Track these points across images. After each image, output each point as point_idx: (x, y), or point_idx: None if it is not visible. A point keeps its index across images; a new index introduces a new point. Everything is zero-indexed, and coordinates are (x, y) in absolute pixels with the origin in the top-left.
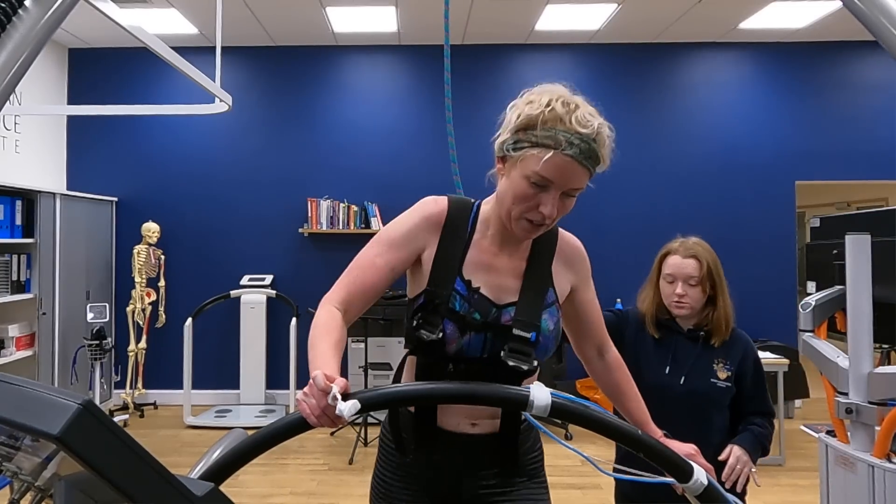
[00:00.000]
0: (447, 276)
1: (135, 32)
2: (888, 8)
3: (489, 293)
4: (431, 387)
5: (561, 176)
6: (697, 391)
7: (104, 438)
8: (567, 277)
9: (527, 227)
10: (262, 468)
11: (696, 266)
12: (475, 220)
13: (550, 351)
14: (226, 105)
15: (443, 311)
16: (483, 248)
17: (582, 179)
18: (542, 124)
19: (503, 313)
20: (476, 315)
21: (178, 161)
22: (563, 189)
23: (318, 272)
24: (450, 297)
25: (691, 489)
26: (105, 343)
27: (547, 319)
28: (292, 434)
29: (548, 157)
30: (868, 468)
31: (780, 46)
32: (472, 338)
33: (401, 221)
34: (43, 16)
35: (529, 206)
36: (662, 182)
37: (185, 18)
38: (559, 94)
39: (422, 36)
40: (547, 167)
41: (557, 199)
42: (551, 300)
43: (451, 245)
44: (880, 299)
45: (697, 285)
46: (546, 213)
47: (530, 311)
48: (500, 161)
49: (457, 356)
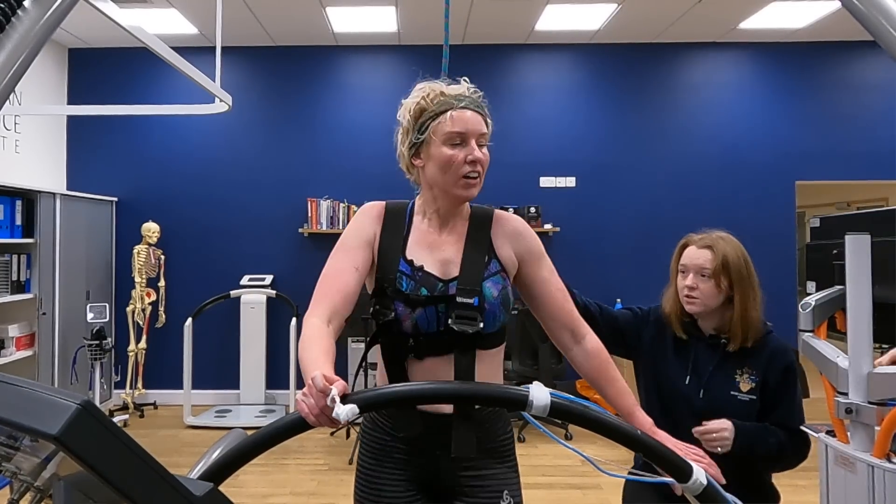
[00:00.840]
0: (392, 261)
1: (135, 32)
2: (887, 8)
3: (435, 269)
4: (432, 387)
5: (468, 124)
6: (716, 405)
7: (103, 439)
8: (510, 248)
9: (468, 182)
10: (262, 468)
11: (709, 257)
12: (412, 211)
13: (500, 317)
14: (226, 105)
15: (391, 294)
16: (422, 231)
17: (482, 125)
18: (431, 102)
19: (449, 286)
20: (423, 290)
21: (178, 161)
22: (474, 137)
23: (318, 272)
24: (396, 279)
25: (691, 489)
26: (105, 343)
27: (490, 287)
28: (292, 434)
29: (452, 114)
30: (868, 468)
31: (780, 46)
32: (422, 312)
33: (348, 227)
34: (43, 16)
35: (460, 163)
36: (662, 182)
37: (185, 18)
38: (429, 83)
39: (422, 36)
40: (455, 122)
41: (477, 147)
42: (495, 269)
43: (392, 234)
44: (880, 299)
45: (710, 279)
46: (477, 157)
47: (471, 280)
48: (415, 158)
49: (415, 332)
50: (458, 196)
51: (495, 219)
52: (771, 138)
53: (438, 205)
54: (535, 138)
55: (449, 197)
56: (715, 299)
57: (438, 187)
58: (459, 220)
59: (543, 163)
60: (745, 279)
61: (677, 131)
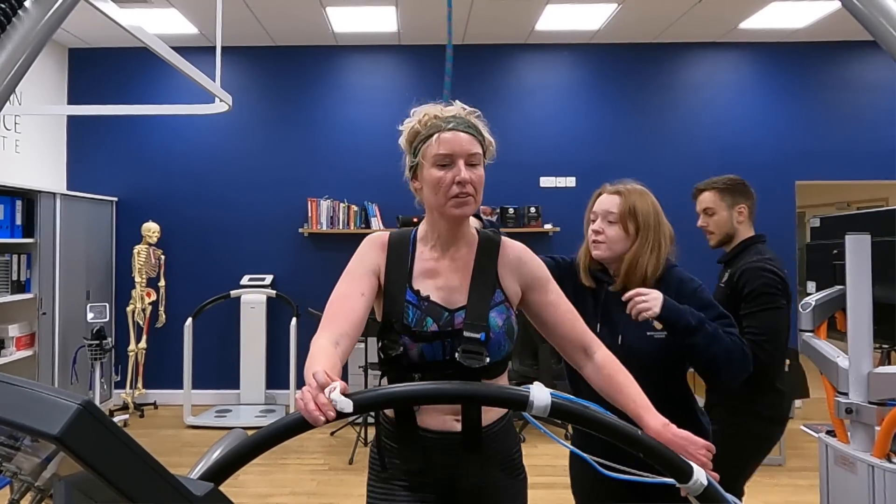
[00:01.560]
0: (398, 293)
1: (135, 32)
2: (887, 8)
3: (440, 299)
4: (433, 387)
5: (455, 145)
6: (634, 347)
7: (104, 439)
8: (513, 278)
9: (457, 202)
10: (262, 468)
11: (616, 202)
12: (415, 238)
13: (504, 347)
14: (226, 105)
15: (398, 328)
16: (426, 257)
17: (473, 145)
18: (423, 126)
19: (455, 316)
20: (428, 320)
21: (178, 161)
22: (463, 157)
23: (318, 272)
24: (403, 312)
25: (691, 489)
26: (105, 343)
27: (495, 317)
28: (292, 434)
29: (438, 136)
30: (868, 468)
31: (780, 46)
32: (428, 346)
33: (353, 258)
34: (43, 16)
35: (448, 184)
36: (662, 182)
37: (185, 18)
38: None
39: (422, 36)
40: (442, 144)
41: (466, 167)
42: (499, 300)
43: (397, 264)
44: (880, 299)
45: (616, 223)
46: (463, 178)
47: (478, 313)
48: (414, 181)
49: (421, 361)
50: (452, 215)
51: (502, 247)
52: (771, 138)
53: (439, 229)
54: (535, 138)
55: (445, 217)
56: (621, 244)
57: (435, 209)
58: (464, 246)
59: (543, 163)
60: (652, 227)
61: (677, 131)
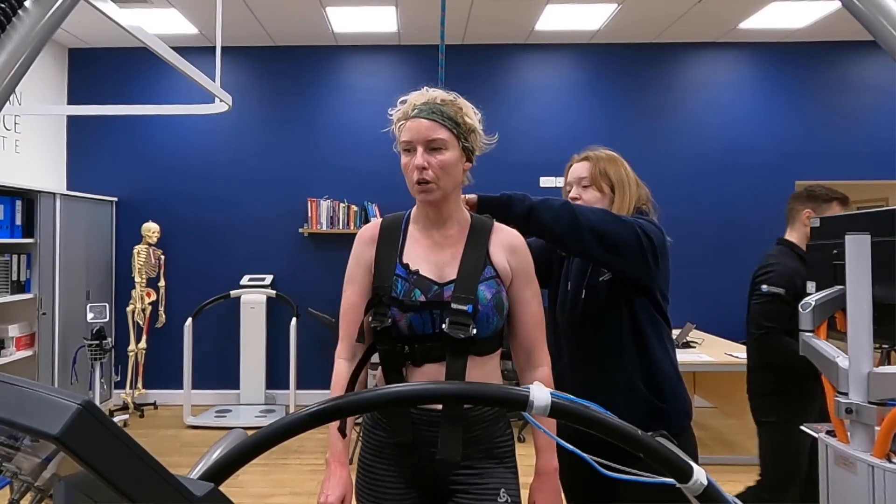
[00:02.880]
0: (388, 267)
1: (135, 32)
2: (887, 8)
3: (430, 273)
4: (430, 387)
5: (415, 133)
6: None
7: (104, 439)
8: (505, 260)
9: (419, 188)
10: (262, 468)
11: (587, 166)
12: (408, 219)
13: (493, 320)
14: (226, 105)
15: (386, 301)
16: (417, 237)
17: (436, 131)
18: (401, 114)
19: (445, 290)
20: (416, 292)
21: (178, 161)
22: (423, 144)
23: (318, 272)
24: (391, 285)
25: (691, 489)
26: (105, 343)
27: (484, 290)
28: (293, 434)
29: (402, 125)
30: (868, 468)
31: (780, 46)
32: (417, 315)
33: (350, 258)
34: (43, 16)
35: (410, 170)
36: (662, 182)
37: (185, 18)
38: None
39: (422, 36)
40: (405, 131)
41: (424, 153)
42: (490, 275)
43: (388, 244)
44: (880, 299)
45: (590, 186)
46: (418, 163)
47: (467, 286)
48: None
49: (410, 333)
50: (418, 200)
51: (494, 229)
52: (771, 138)
53: (425, 210)
54: (535, 138)
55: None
56: (601, 204)
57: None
58: (455, 225)
59: (543, 163)
60: (626, 183)
61: (677, 131)
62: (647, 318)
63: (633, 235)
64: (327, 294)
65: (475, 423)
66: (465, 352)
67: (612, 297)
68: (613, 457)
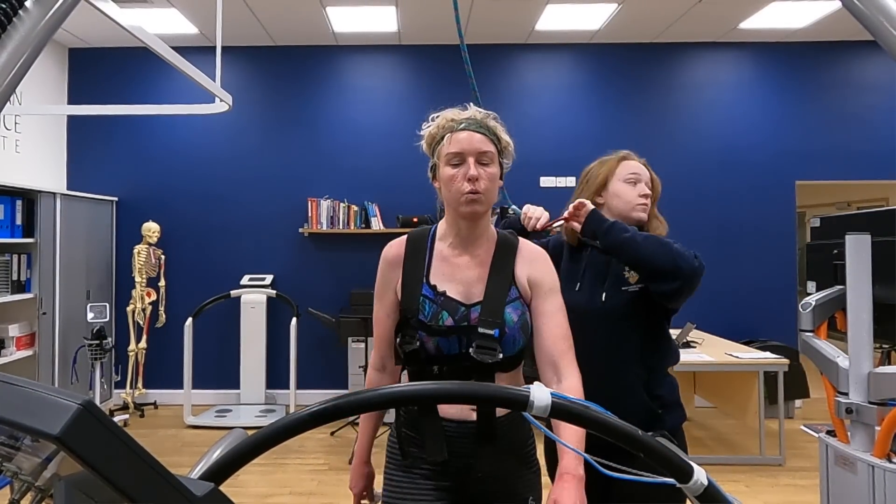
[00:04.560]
0: (414, 288)
1: (135, 32)
2: (887, 8)
3: (457, 294)
4: (432, 387)
5: (466, 144)
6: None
7: (104, 439)
8: (526, 273)
9: (468, 199)
10: (262, 468)
11: (641, 166)
12: (434, 235)
13: (519, 342)
14: (226, 105)
15: (414, 324)
16: (444, 255)
17: (485, 144)
18: (440, 129)
19: (472, 311)
20: (444, 314)
21: (179, 161)
22: (473, 155)
23: (318, 272)
24: (418, 307)
25: (691, 489)
26: (105, 343)
27: (511, 312)
28: (293, 434)
29: (451, 136)
30: (868, 468)
31: (780, 46)
32: (444, 339)
33: (378, 274)
34: (43, 16)
35: (459, 181)
36: (662, 182)
37: (185, 18)
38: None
39: (422, 36)
40: (453, 143)
41: (476, 165)
42: (514, 296)
43: (414, 264)
44: (880, 299)
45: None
46: (472, 174)
47: (493, 310)
48: (434, 181)
49: (438, 354)
50: (462, 213)
51: (519, 248)
52: (771, 138)
53: (458, 227)
54: (535, 138)
55: (460, 215)
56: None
57: (450, 207)
58: (483, 244)
59: (543, 163)
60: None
61: (677, 131)
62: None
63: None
64: (327, 294)
65: (504, 431)
66: (492, 371)
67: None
68: (604, 454)
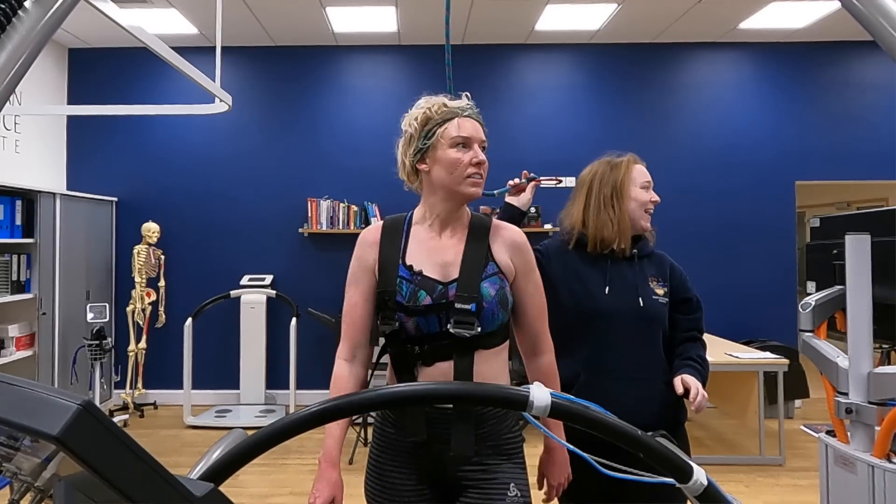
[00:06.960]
0: (391, 271)
1: (135, 32)
2: (887, 8)
3: (434, 273)
4: (431, 388)
5: (473, 131)
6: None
7: (104, 439)
8: (507, 256)
9: (472, 182)
10: (262, 468)
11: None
12: (410, 220)
13: (498, 316)
14: (226, 105)
15: (392, 306)
16: (421, 237)
17: (482, 133)
18: (436, 113)
19: (449, 288)
20: (421, 293)
21: (178, 161)
22: (477, 142)
23: (318, 272)
24: (395, 289)
25: (691, 489)
26: (105, 343)
27: (488, 287)
28: (293, 434)
29: (458, 121)
30: (868, 468)
31: (780, 46)
32: (423, 318)
33: (352, 259)
34: (43, 16)
35: (465, 164)
36: (662, 182)
37: (185, 18)
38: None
39: (422, 36)
40: (462, 128)
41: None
42: (493, 271)
43: (390, 246)
44: (880, 299)
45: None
46: (481, 160)
47: (470, 285)
48: (420, 163)
49: (418, 333)
50: (465, 194)
51: (493, 226)
52: (771, 138)
53: (440, 209)
54: (534, 138)
55: (455, 196)
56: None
57: (444, 188)
58: (459, 226)
59: (543, 163)
60: None
61: (677, 131)
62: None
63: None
64: (327, 294)
65: (485, 419)
66: (472, 348)
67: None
68: (605, 454)
